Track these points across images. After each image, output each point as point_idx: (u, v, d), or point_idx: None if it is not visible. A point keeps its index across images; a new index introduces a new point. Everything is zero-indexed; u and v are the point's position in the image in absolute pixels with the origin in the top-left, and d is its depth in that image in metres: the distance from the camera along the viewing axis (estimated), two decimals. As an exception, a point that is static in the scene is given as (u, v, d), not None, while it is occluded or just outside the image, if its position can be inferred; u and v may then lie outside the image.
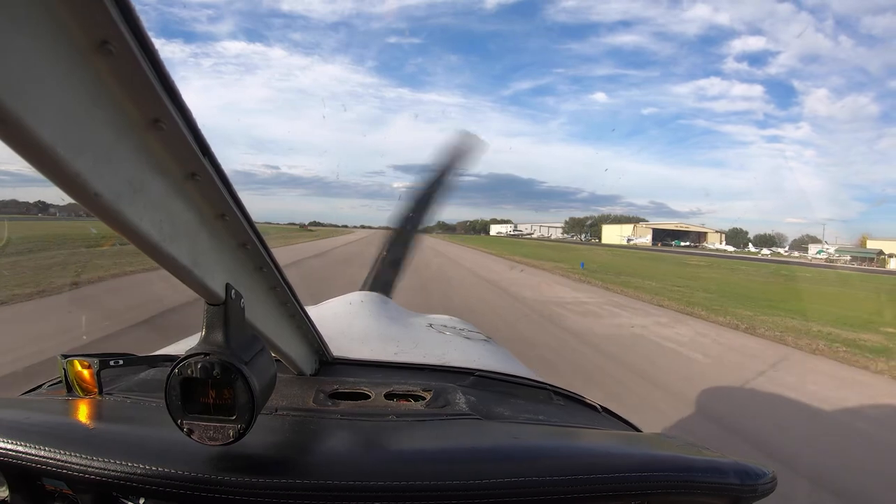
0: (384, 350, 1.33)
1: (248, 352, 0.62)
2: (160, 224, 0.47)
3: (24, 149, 0.35)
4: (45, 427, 0.72)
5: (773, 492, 0.78)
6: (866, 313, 11.01)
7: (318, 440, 0.76)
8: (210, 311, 0.60)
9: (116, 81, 0.39)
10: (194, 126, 0.46)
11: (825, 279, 24.33)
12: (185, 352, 0.59)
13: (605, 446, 0.84)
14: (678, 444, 0.92)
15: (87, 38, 0.36)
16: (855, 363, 6.60)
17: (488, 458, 0.73)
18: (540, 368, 1.86)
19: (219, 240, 0.59)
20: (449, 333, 1.74)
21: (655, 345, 6.95)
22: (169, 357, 1.04)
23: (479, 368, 1.18)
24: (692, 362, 6.12)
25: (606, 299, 11.63)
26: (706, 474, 0.75)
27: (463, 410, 0.91)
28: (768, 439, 3.72)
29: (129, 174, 0.43)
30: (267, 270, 0.71)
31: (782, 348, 7.36)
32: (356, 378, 1.05)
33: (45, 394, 1.00)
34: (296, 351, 0.97)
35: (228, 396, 0.60)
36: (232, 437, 0.60)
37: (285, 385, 0.96)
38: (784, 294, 14.63)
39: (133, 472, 0.63)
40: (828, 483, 3.09)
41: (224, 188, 0.53)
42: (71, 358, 0.92)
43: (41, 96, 0.34)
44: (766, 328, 8.73)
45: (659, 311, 10.36)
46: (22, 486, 0.71)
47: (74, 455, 0.65)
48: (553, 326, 7.82)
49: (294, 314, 0.88)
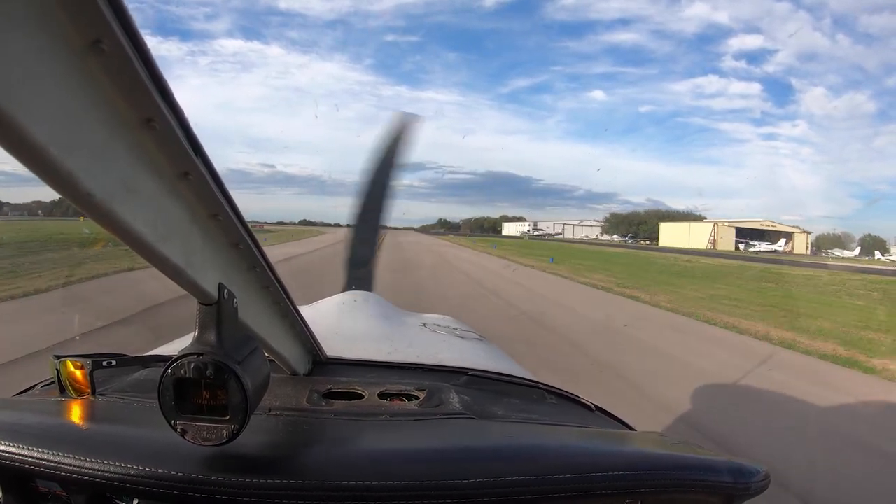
0: (378, 350, 1.33)
1: (241, 352, 0.62)
2: (153, 223, 0.47)
3: (17, 148, 0.35)
4: (37, 428, 0.72)
5: (766, 490, 0.78)
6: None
7: (311, 440, 0.76)
8: (203, 311, 0.60)
9: (109, 81, 0.39)
10: (187, 125, 0.46)
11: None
12: (179, 352, 0.59)
13: (599, 445, 0.84)
14: (672, 442, 0.93)
15: (80, 37, 0.36)
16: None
17: (482, 457, 0.73)
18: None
19: (211, 239, 0.59)
20: (443, 333, 1.74)
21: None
22: (162, 357, 1.04)
23: (473, 368, 1.18)
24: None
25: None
26: (700, 472, 0.75)
27: (457, 410, 0.92)
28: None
29: (122, 173, 0.43)
30: (260, 270, 0.71)
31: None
32: (350, 378, 1.05)
33: (38, 395, 1.00)
34: (289, 351, 0.97)
35: (222, 397, 0.60)
36: (225, 438, 0.60)
37: (279, 385, 0.96)
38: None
39: (126, 472, 0.63)
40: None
41: (217, 188, 0.53)
42: (64, 358, 0.92)
43: (34, 95, 0.34)
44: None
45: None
46: (15, 488, 0.71)
47: (68, 456, 0.65)
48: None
49: (287, 314, 0.88)
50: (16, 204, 39.05)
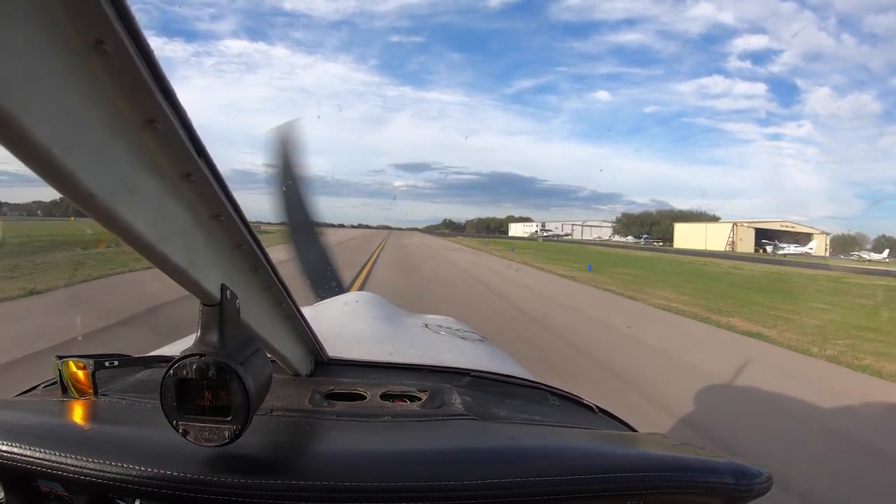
0: (380, 350, 1.33)
1: (243, 352, 0.62)
2: (155, 224, 0.47)
3: (18, 148, 0.35)
4: (40, 428, 0.72)
5: (768, 491, 0.78)
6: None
7: (313, 441, 0.76)
8: (205, 311, 0.60)
9: (111, 81, 0.39)
10: (189, 126, 0.46)
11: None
12: (181, 353, 0.59)
13: (601, 446, 0.84)
14: (674, 443, 0.92)
15: (82, 37, 0.36)
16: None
17: (484, 458, 0.73)
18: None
19: (214, 240, 0.59)
20: (444, 333, 1.74)
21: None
22: (164, 358, 1.04)
23: (475, 369, 1.18)
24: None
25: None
26: (702, 474, 0.75)
27: (459, 411, 0.91)
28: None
29: (124, 174, 0.43)
30: (262, 271, 0.71)
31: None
32: (352, 379, 1.05)
33: (40, 395, 1.00)
34: (291, 351, 0.97)
35: (224, 397, 0.59)
36: (227, 438, 0.60)
37: (281, 386, 0.96)
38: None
39: (128, 473, 0.63)
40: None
41: (219, 188, 0.53)
42: (66, 359, 0.92)
43: (36, 95, 0.34)
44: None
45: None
46: (17, 488, 0.71)
47: (69, 456, 0.65)
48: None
49: (289, 315, 0.87)
50: (14, 204, 39.27)
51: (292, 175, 2.33)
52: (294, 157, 2.32)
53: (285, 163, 2.32)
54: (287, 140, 2.32)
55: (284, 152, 2.31)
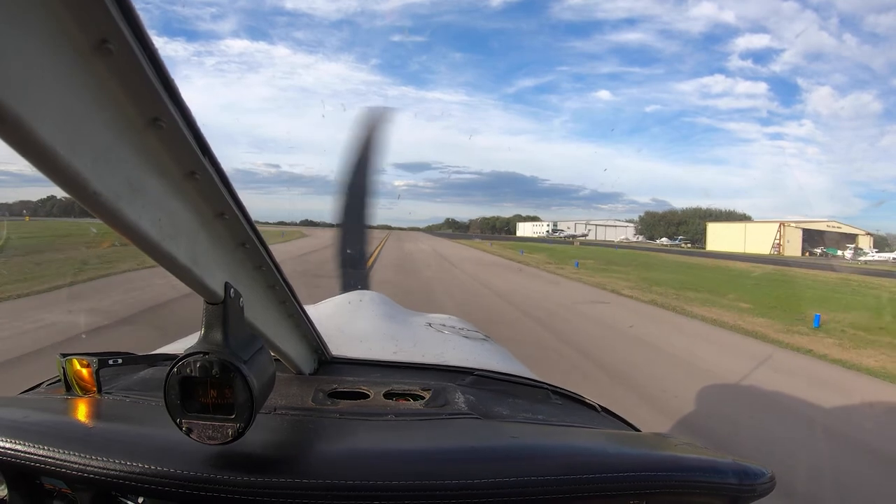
0: (383, 349, 1.33)
1: (247, 351, 0.62)
2: (159, 223, 0.47)
3: (24, 147, 0.35)
4: (43, 426, 0.72)
5: (771, 492, 0.78)
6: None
7: (317, 439, 0.76)
8: (209, 310, 0.60)
9: (116, 80, 0.39)
10: (194, 125, 0.46)
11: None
12: (185, 351, 0.59)
13: (604, 446, 0.84)
14: (677, 443, 0.92)
15: (87, 37, 0.36)
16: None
17: (487, 457, 0.73)
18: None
19: (218, 239, 0.59)
20: (448, 332, 1.74)
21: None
22: (168, 356, 1.04)
23: (478, 368, 1.18)
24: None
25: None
26: (705, 474, 0.75)
27: (462, 410, 0.91)
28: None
29: (129, 173, 0.43)
30: (266, 269, 0.71)
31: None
32: (355, 377, 1.05)
33: (44, 393, 1.00)
34: (295, 350, 0.97)
35: (228, 395, 0.60)
36: (231, 437, 0.60)
37: (284, 384, 0.96)
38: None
39: (132, 470, 0.63)
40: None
41: (223, 187, 0.53)
42: (70, 357, 0.92)
43: (41, 95, 0.34)
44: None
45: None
46: (21, 485, 0.71)
47: (73, 454, 0.65)
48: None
49: (293, 313, 0.88)
50: (2, 203, 39.48)
51: (366, 163, 2.35)
52: (375, 145, 2.35)
53: (364, 149, 2.35)
54: (374, 126, 2.35)
55: (368, 138, 2.34)
